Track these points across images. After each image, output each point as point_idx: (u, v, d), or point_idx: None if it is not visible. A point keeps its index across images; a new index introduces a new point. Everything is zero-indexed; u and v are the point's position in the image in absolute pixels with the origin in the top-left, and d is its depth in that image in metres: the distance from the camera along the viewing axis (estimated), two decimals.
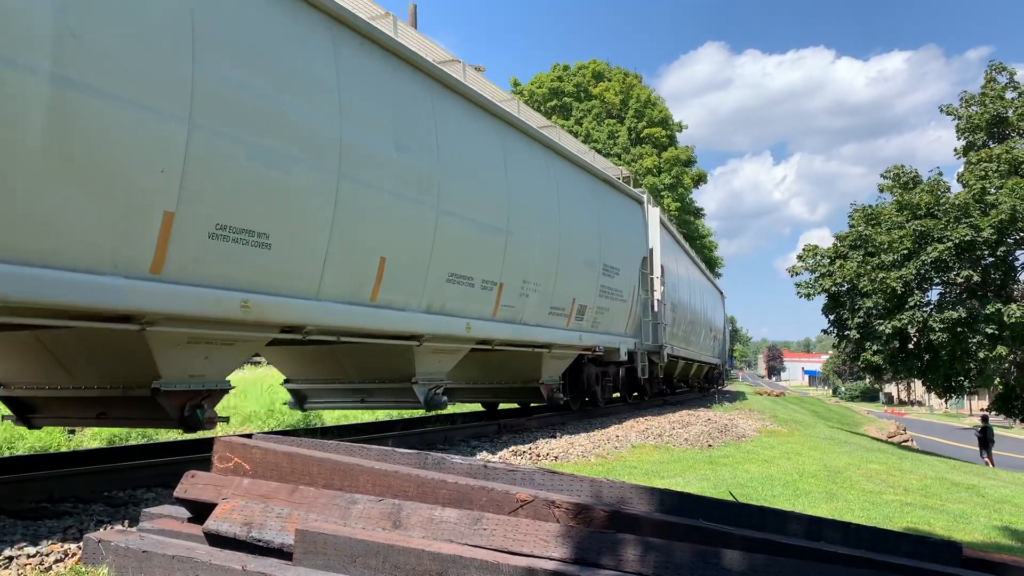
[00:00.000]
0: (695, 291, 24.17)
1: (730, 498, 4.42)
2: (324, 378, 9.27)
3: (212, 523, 3.49)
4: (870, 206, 26.39)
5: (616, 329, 13.93)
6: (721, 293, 37.38)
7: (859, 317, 24.36)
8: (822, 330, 28.43)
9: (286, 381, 9.59)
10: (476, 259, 8.92)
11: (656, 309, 16.82)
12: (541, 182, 10.79)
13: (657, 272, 16.92)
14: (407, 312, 7.82)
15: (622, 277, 13.81)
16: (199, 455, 6.90)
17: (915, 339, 24.77)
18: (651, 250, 16.65)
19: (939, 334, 23.07)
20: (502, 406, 14.93)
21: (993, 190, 23.41)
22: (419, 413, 12.34)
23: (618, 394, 17.18)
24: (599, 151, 46.71)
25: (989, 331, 22.36)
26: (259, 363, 21.16)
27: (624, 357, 14.19)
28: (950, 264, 23.20)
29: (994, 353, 22.76)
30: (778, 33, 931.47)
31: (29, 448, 9.64)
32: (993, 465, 22.53)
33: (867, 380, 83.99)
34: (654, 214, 17.40)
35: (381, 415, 14.22)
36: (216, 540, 3.48)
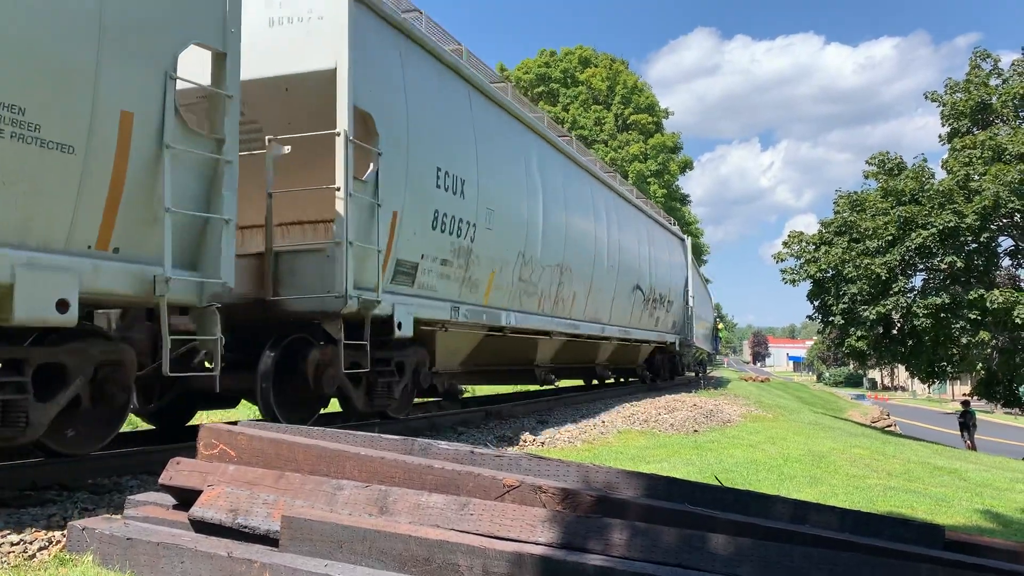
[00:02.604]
0: (571, 205, 13.41)
1: (716, 483, 4.44)
2: None
3: (197, 510, 3.48)
4: (855, 192, 26.55)
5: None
6: (681, 239, 25.54)
7: (843, 303, 24.53)
8: (807, 316, 28.58)
9: None
10: None
11: (343, 214, 6.97)
12: None
13: (344, 118, 7.06)
14: None
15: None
16: (184, 443, 6.86)
17: (899, 325, 24.98)
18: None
19: (922, 320, 23.26)
20: None
21: (977, 176, 23.58)
22: None
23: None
24: (585, 138, 46.58)
25: (972, 317, 22.58)
26: None
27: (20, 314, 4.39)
28: (934, 250, 23.37)
29: (976, 338, 23.01)
30: (768, 18, 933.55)
31: None
32: (975, 449, 22.79)
33: (851, 366, 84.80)
34: None
35: None
36: (202, 527, 3.47)
